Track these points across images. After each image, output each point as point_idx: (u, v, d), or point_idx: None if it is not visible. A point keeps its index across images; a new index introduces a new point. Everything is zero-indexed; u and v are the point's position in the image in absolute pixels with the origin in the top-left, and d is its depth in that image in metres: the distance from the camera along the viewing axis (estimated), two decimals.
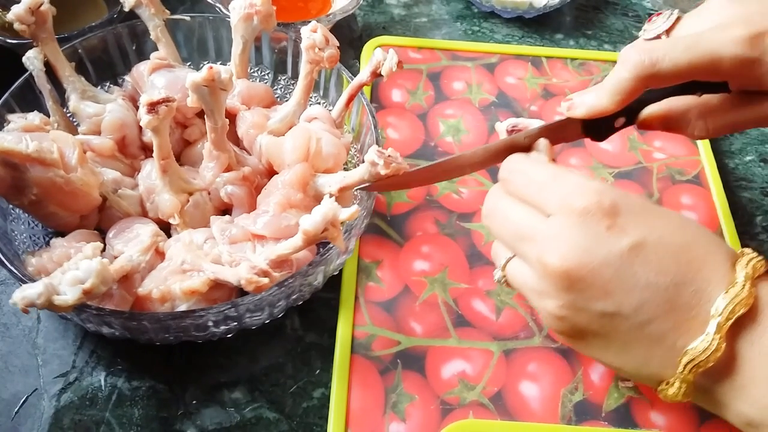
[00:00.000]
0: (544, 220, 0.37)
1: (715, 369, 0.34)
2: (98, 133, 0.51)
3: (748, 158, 0.63)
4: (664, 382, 0.36)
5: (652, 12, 0.77)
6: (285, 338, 0.49)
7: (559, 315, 0.37)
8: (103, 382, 0.46)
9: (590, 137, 0.45)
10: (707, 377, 0.35)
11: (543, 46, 0.72)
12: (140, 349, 0.47)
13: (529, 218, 0.38)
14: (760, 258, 0.36)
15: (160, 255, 0.46)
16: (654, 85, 0.41)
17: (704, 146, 0.62)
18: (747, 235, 0.57)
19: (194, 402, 0.45)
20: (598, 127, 0.44)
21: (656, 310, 0.35)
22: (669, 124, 0.43)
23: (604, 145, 0.62)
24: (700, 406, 0.38)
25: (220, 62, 0.59)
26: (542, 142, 0.43)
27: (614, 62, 0.69)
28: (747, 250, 0.36)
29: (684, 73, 0.39)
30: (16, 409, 0.44)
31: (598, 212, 0.36)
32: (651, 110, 0.43)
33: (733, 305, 0.33)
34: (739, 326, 0.34)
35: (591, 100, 0.42)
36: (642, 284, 0.35)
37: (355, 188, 0.47)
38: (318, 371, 0.47)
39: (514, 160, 0.42)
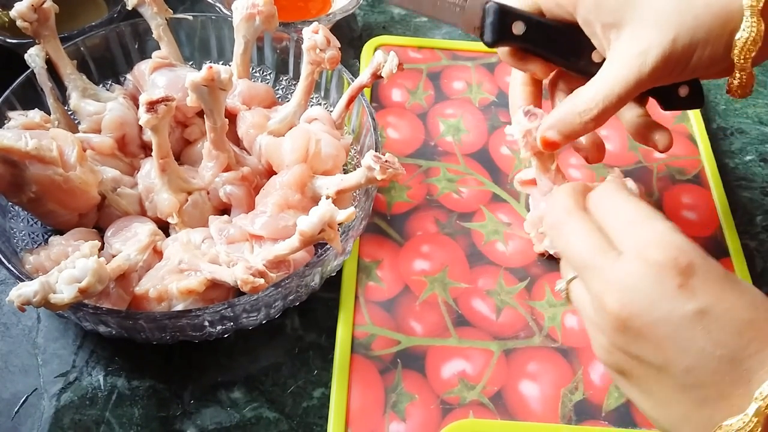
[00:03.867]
0: (615, 258, 0.36)
1: None
2: (98, 131, 0.51)
3: (748, 158, 0.63)
4: None
5: None
6: (285, 338, 0.49)
7: (609, 351, 0.36)
8: (102, 382, 0.46)
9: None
10: None
11: None
12: (140, 349, 0.47)
13: (601, 250, 0.36)
14: None
15: (157, 254, 0.46)
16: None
17: (704, 146, 0.62)
18: (747, 234, 0.57)
19: (194, 402, 0.45)
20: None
21: (704, 378, 0.34)
22: None
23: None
24: None
25: (222, 62, 0.59)
26: (632, 184, 0.46)
27: None
28: None
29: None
30: (16, 409, 0.44)
31: (673, 269, 0.34)
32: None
33: None
34: None
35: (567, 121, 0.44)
36: (697, 350, 0.34)
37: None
38: (318, 371, 0.47)
39: (610, 190, 0.40)
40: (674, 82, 0.45)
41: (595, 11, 0.42)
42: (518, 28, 0.44)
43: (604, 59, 0.43)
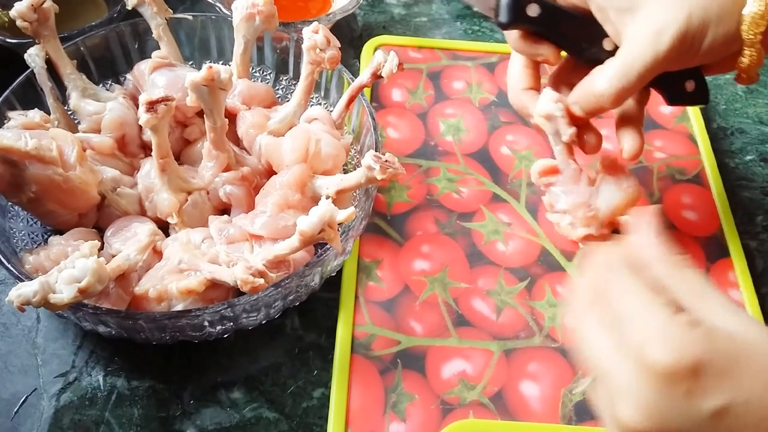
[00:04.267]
0: (621, 364, 0.33)
1: None
2: (98, 131, 0.51)
3: (749, 158, 0.63)
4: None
5: None
6: (285, 338, 0.48)
7: None
8: (102, 382, 0.46)
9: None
10: None
11: None
12: (139, 349, 0.46)
13: (609, 354, 0.34)
14: None
15: (157, 254, 0.46)
16: None
17: (704, 146, 0.62)
18: (747, 234, 0.57)
19: (194, 402, 0.45)
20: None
21: None
22: None
23: (604, 144, 0.61)
24: None
25: (222, 62, 0.59)
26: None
27: None
28: None
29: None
30: (15, 409, 0.44)
31: (678, 373, 0.31)
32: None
33: None
34: None
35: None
36: None
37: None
38: (318, 371, 0.47)
39: (607, 270, 0.36)
40: (684, 70, 0.45)
41: None
42: (533, 10, 0.45)
43: (615, 47, 0.44)
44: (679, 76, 0.46)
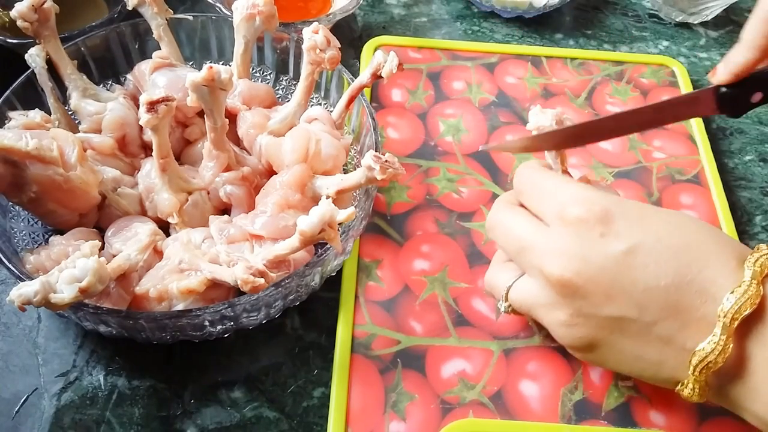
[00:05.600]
0: (544, 231, 0.38)
1: (726, 370, 0.34)
2: (99, 131, 0.51)
3: (748, 158, 0.63)
4: (681, 383, 0.37)
5: (652, 12, 0.78)
6: (285, 337, 0.49)
7: (570, 323, 0.37)
8: (103, 382, 0.46)
9: (726, 113, 0.44)
10: (720, 378, 0.35)
11: (543, 45, 0.72)
12: (140, 349, 0.47)
13: (530, 229, 0.39)
14: None
15: (158, 254, 0.46)
16: None
17: (704, 146, 0.62)
18: (746, 234, 0.57)
19: (194, 401, 0.45)
20: (733, 101, 0.43)
21: (660, 312, 0.35)
22: None
23: (604, 144, 0.62)
24: (716, 405, 0.38)
25: (222, 62, 0.59)
26: (552, 153, 0.44)
27: (614, 62, 0.69)
28: (762, 246, 0.36)
29: None
30: (16, 409, 0.44)
31: (591, 220, 0.36)
32: None
33: (739, 305, 0.33)
34: (748, 326, 0.34)
35: (732, 57, 0.41)
36: (641, 287, 0.35)
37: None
38: (318, 370, 0.47)
39: (527, 169, 0.42)
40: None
41: None
42: (757, 97, 0.43)
43: None
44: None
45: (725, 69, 0.42)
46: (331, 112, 0.54)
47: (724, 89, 0.43)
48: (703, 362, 0.34)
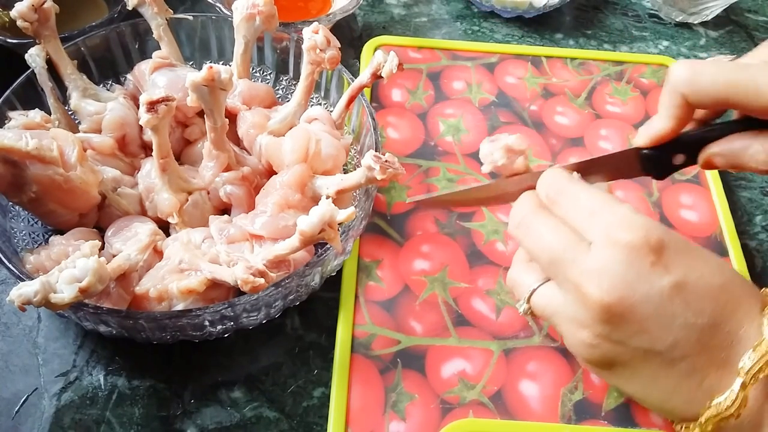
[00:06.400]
0: (586, 248, 0.36)
1: (738, 422, 0.34)
2: (99, 131, 0.51)
3: None
4: (683, 425, 0.37)
5: (652, 12, 0.77)
6: (285, 337, 0.49)
7: (593, 344, 0.37)
8: (103, 382, 0.46)
9: (650, 175, 0.44)
10: (732, 428, 0.35)
11: (543, 45, 0.72)
12: (140, 349, 0.47)
13: (568, 242, 0.37)
14: None
15: (158, 254, 0.46)
16: (697, 105, 0.39)
17: None
18: (746, 234, 0.57)
19: (194, 401, 0.45)
20: (656, 164, 0.43)
21: (690, 349, 0.35)
22: (731, 159, 0.41)
23: (604, 144, 0.62)
24: None
25: (222, 62, 0.59)
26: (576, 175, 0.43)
27: (614, 62, 0.69)
28: None
29: (722, 92, 0.38)
30: (16, 409, 0.44)
31: (644, 248, 0.35)
32: (712, 147, 0.41)
33: (760, 365, 0.33)
34: (765, 382, 0.34)
35: (652, 123, 0.42)
36: (679, 323, 0.35)
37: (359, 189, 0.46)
38: (318, 370, 0.47)
39: (562, 179, 0.40)
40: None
41: None
42: (679, 159, 0.43)
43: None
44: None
45: (645, 133, 0.42)
46: (331, 112, 0.54)
47: (645, 150, 0.42)
48: (717, 416, 0.34)
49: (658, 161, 0.43)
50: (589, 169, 0.43)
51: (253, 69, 0.59)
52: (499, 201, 0.44)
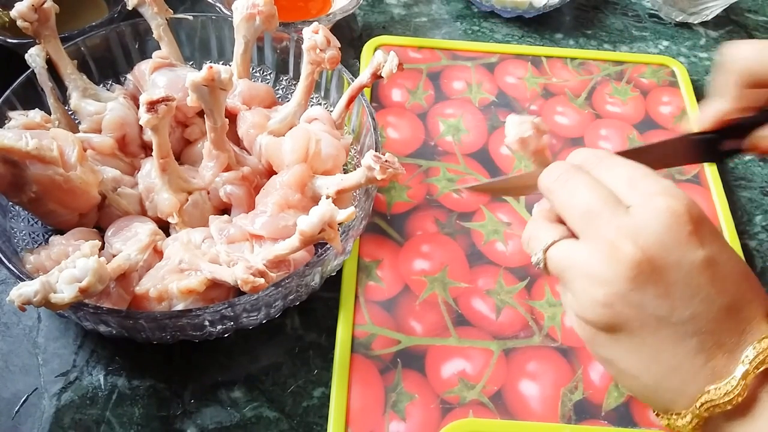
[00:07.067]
0: (624, 210, 0.36)
1: (732, 411, 0.34)
2: (99, 131, 0.51)
3: (748, 158, 0.63)
4: (673, 412, 0.36)
5: (652, 12, 0.77)
6: (285, 337, 0.49)
7: (606, 303, 0.35)
8: (103, 381, 0.46)
9: (703, 161, 0.44)
10: (722, 416, 0.35)
11: (543, 45, 0.72)
12: (140, 349, 0.47)
13: (609, 200, 0.37)
14: None
15: (158, 254, 0.46)
16: (757, 83, 0.40)
17: None
18: (746, 234, 0.57)
19: (194, 401, 0.45)
20: (709, 150, 0.43)
21: (705, 326, 0.34)
22: None
23: (604, 144, 0.62)
24: None
25: (222, 62, 0.59)
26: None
27: (614, 62, 0.69)
28: None
29: None
30: (16, 408, 0.45)
31: (685, 215, 0.35)
32: (760, 132, 0.42)
33: (762, 357, 0.33)
34: (766, 375, 0.34)
35: (711, 106, 0.42)
36: (702, 297, 0.34)
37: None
38: (318, 370, 0.47)
39: (600, 151, 0.40)
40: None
41: None
42: (729, 145, 0.43)
43: None
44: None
45: (706, 116, 0.42)
46: (331, 112, 0.54)
47: (701, 136, 0.42)
48: (712, 402, 0.34)
49: (713, 147, 0.43)
50: (635, 158, 0.43)
51: (253, 69, 0.59)
52: None
